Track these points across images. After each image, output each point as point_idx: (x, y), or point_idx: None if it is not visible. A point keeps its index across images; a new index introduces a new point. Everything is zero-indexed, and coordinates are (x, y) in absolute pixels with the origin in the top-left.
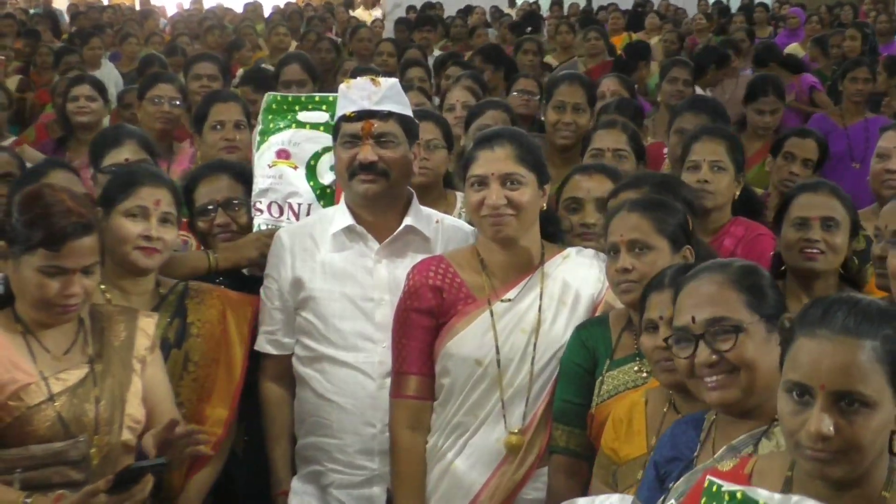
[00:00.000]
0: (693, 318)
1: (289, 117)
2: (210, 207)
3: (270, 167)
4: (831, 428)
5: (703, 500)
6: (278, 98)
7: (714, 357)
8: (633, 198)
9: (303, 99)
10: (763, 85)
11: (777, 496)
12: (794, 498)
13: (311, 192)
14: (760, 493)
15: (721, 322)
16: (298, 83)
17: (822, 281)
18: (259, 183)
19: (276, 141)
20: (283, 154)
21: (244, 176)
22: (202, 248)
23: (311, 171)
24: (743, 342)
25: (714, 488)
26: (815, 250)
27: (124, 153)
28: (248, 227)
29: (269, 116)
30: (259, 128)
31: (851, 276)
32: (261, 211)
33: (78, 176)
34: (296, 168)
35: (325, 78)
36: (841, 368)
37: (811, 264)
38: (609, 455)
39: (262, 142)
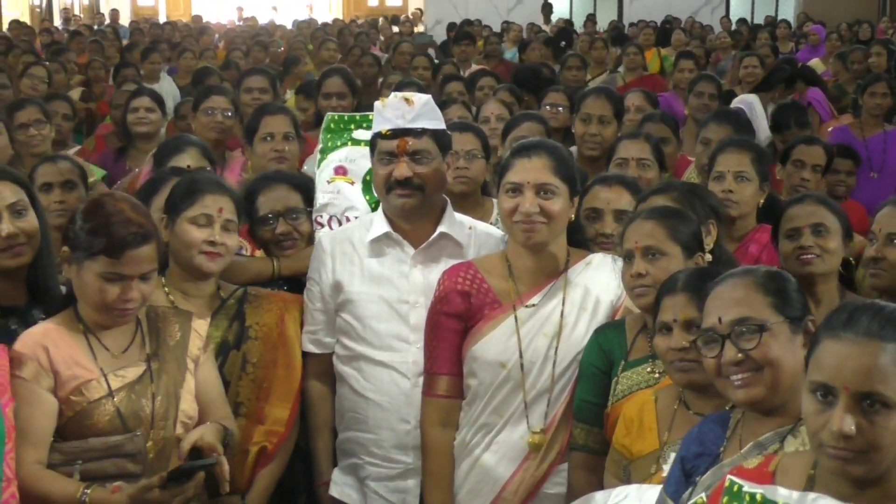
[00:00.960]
0: (720, 319)
1: (345, 136)
2: (271, 217)
3: (329, 183)
4: (853, 427)
5: (725, 500)
6: (335, 118)
7: (740, 356)
8: (649, 207)
9: (358, 118)
10: (786, 118)
11: (796, 495)
12: (812, 495)
13: (367, 205)
14: (780, 493)
15: (746, 322)
16: (339, 95)
17: (823, 284)
18: (320, 198)
19: (334, 158)
20: (340, 171)
21: (302, 186)
22: (262, 254)
23: (367, 186)
24: (767, 341)
25: (735, 488)
26: (810, 255)
27: (186, 160)
28: (310, 235)
29: (328, 135)
30: (319, 146)
31: (851, 279)
32: (321, 224)
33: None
34: (353, 183)
35: (368, 91)
36: (863, 370)
37: (808, 269)
38: (621, 451)
39: (321, 159)
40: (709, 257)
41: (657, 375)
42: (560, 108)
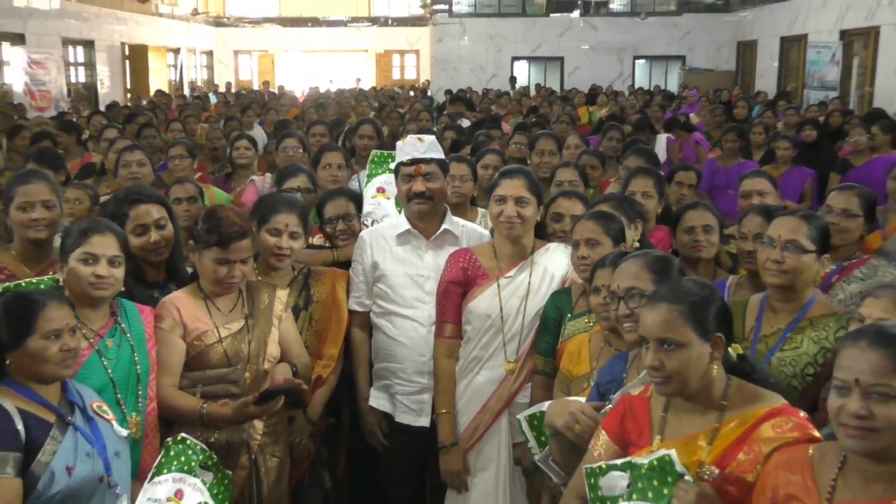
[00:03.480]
0: (619, 286)
1: (384, 166)
2: (334, 219)
3: (372, 198)
4: (657, 362)
5: (591, 481)
6: (379, 154)
7: (627, 311)
8: (590, 210)
9: (394, 155)
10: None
11: (646, 462)
12: (648, 460)
13: (398, 213)
14: (636, 463)
15: (633, 290)
16: (369, 137)
17: (704, 265)
18: (366, 208)
19: (377, 181)
20: (381, 190)
21: (355, 198)
22: (328, 244)
23: (398, 201)
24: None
25: (598, 471)
26: (701, 246)
27: (297, 182)
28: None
29: (373, 166)
30: (366, 172)
31: (718, 261)
32: (366, 225)
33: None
34: (388, 199)
35: (393, 135)
36: (660, 324)
37: (699, 254)
38: (565, 374)
39: (368, 182)
40: (637, 245)
41: (591, 324)
42: (523, 146)
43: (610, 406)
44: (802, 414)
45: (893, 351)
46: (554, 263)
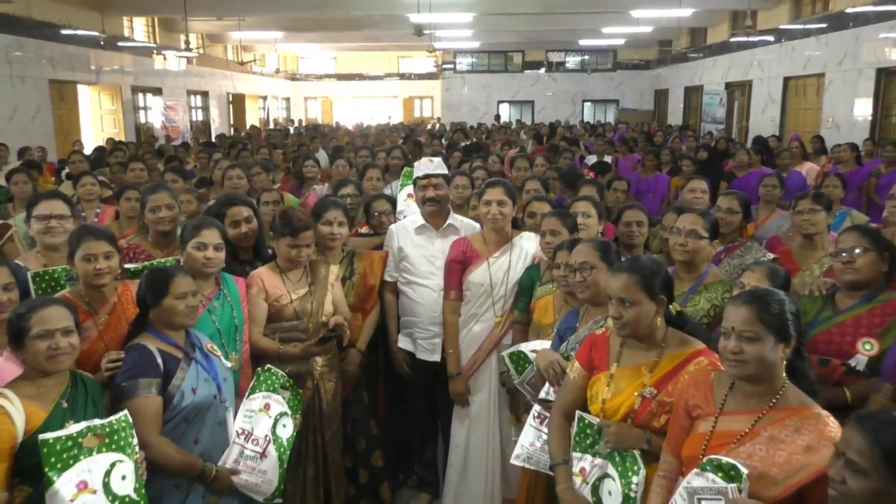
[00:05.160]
0: (576, 261)
1: (411, 179)
2: (377, 214)
3: (405, 201)
4: (616, 314)
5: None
6: (409, 170)
7: (580, 279)
8: (553, 210)
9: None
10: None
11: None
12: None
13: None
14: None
15: (584, 264)
16: (398, 158)
17: (637, 249)
18: (399, 207)
19: (407, 190)
20: (410, 196)
21: (392, 201)
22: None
23: None
24: (594, 273)
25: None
26: (635, 236)
27: (347, 189)
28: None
29: (405, 179)
30: (399, 182)
31: (648, 244)
32: (398, 220)
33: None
34: (415, 201)
35: (416, 156)
36: (619, 286)
37: (633, 242)
38: (536, 324)
39: (400, 190)
40: (601, 234)
41: (554, 289)
42: (501, 163)
43: (572, 354)
44: (716, 356)
45: (756, 307)
46: (527, 246)
